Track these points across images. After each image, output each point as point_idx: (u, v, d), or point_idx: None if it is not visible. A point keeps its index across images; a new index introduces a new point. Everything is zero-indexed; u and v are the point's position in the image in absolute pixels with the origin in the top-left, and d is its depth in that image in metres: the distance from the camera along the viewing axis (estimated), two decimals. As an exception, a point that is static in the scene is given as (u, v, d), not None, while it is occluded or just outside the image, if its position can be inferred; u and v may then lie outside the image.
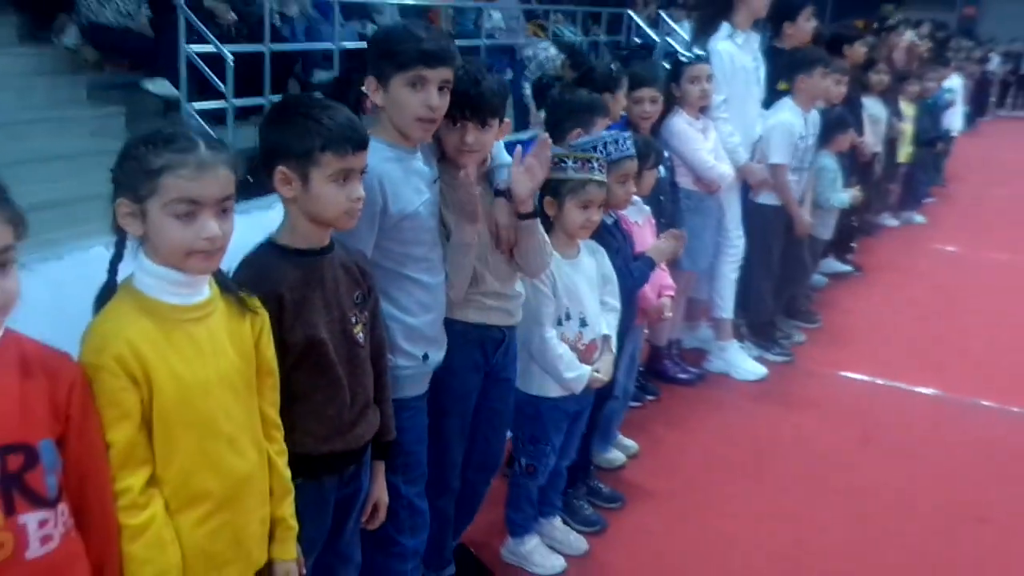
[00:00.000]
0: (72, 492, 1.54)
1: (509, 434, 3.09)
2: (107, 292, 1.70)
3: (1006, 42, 20.86)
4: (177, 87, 5.78)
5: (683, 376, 4.91)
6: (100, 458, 1.58)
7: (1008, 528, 3.70)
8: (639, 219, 3.67)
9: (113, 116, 6.00)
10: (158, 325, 1.66)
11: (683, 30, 10.41)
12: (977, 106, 17.40)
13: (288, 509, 1.92)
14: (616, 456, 3.97)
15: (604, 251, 3.19)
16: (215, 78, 5.78)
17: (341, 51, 7.12)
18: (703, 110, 4.47)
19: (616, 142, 3.13)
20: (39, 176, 4.72)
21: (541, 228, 2.67)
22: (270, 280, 1.91)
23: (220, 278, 1.79)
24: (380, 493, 2.31)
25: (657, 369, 4.88)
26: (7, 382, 1.46)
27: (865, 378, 5.17)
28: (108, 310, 1.67)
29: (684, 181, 4.46)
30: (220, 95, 5.83)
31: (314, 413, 2.00)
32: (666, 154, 4.16)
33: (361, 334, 2.08)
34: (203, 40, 5.78)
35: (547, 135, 2.62)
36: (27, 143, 5.27)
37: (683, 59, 4.42)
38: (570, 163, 2.93)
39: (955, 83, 9.99)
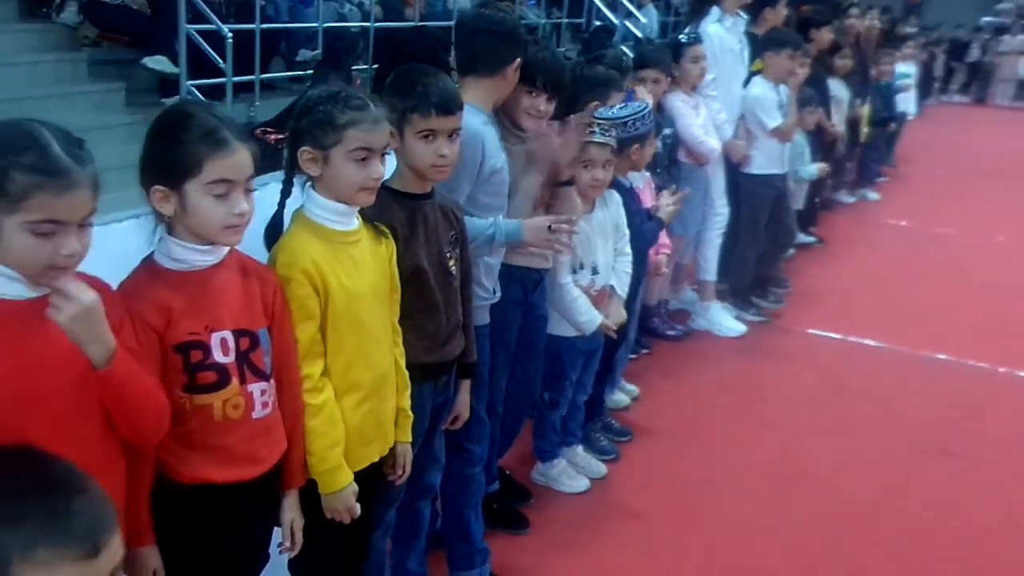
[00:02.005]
0: (274, 375, 1.92)
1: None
2: (276, 221, 2.08)
3: (950, 28, 21.27)
4: (176, 64, 5.93)
5: (671, 333, 5.33)
6: (292, 349, 1.97)
7: (968, 457, 4.21)
8: (639, 184, 4.07)
9: (114, 92, 6.08)
10: (328, 247, 2.04)
11: (642, 14, 10.75)
12: (923, 91, 17.95)
13: (407, 401, 2.31)
14: (622, 398, 4.40)
15: (619, 201, 3.57)
16: (215, 56, 5.93)
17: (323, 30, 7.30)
18: (695, 88, 4.82)
19: (649, 112, 3.59)
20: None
21: (575, 194, 3.09)
22: (385, 216, 2.27)
23: (361, 211, 2.15)
24: (463, 407, 2.68)
25: (647, 326, 5.26)
26: (235, 283, 1.85)
27: (835, 335, 5.64)
28: (291, 234, 2.05)
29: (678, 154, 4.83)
30: (213, 72, 5.93)
31: (417, 329, 2.35)
32: (668, 131, 4.54)
33: (454, 267, 2.46)
34: (197, 18, 5.86)
35: (585, 115, 3.00)
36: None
37: (683, 39, 4.77)
38: None
39: (910, 68, 10.44)
